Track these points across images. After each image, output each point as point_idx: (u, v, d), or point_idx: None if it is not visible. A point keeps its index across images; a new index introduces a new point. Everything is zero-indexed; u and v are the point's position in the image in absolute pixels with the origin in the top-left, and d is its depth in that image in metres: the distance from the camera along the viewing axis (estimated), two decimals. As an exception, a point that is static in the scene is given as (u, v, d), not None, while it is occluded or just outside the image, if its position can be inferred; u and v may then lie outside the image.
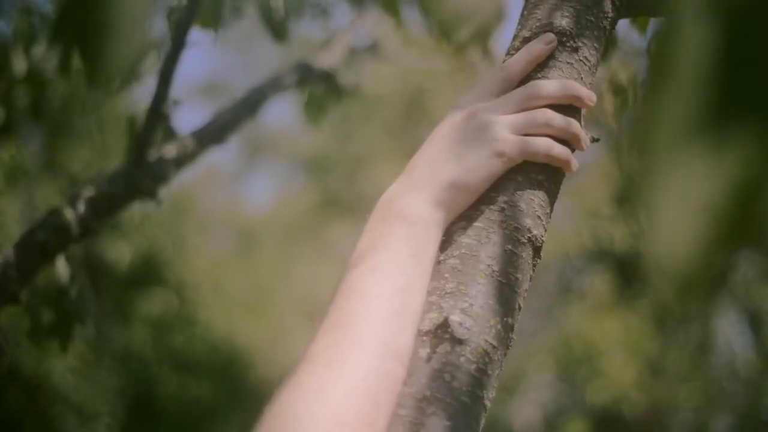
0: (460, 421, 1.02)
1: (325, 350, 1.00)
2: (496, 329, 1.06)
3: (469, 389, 1.03)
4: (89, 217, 1.93)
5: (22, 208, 8.76)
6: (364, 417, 0.97)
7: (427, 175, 1.10)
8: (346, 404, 0.97)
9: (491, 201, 1.11)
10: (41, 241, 1.88)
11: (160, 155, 2.08)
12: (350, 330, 1.01)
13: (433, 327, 1.05)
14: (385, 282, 1.04)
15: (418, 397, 1.02)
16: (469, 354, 1.04)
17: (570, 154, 1.16)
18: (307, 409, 0.96)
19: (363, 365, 0.99)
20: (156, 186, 2.02)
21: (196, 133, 2.22)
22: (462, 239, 1.10)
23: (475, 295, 1.07)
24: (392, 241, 1.06)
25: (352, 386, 0.98)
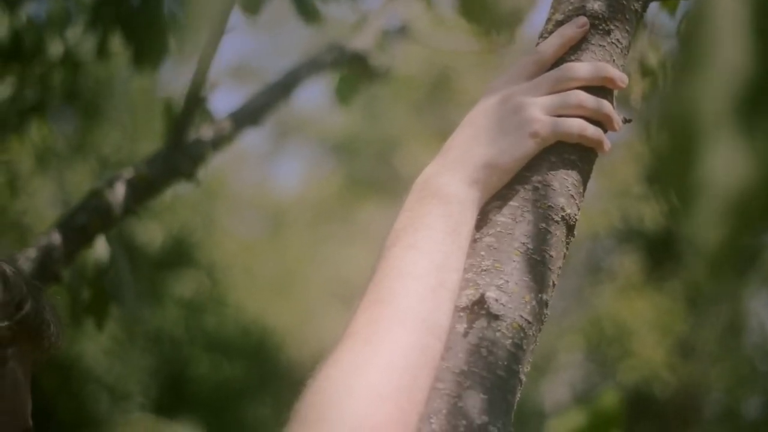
0: (496, 395, 1.05)
1: (364, 327, 1.03)
2: (531, 305, 1.09)
3: (505, 363, 1.06)
4: (129, 198, 1.97)
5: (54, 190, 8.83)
6: (402, 391, 1.00)
7: (463, 156, 1.13)
8: (385, 379, 1.00)
9: (525, 180, 1.14)
10: (83, 223, 1.92)
11: (198, 137, 2.12)
12: (389, 307, 1.04)
13: (469, 303, 1.08)
14: (422, 260, 1.07)
15: (456, 371, 1.05)
16: (505, 329, 1.07)
17: (602, 134, 1.18)
18: (346, 384, 0.99)
19: (401, 341, 1.02)
20: (194, 167, 2.06)
21: (233, 115, 2.26)
22: (497, 218, 1.13)
23: (511, 272, 1.10)
24: (429, 219, 1.09)
25: (391, 361, 1.01)
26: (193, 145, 2.08)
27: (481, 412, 1.04)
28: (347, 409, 0.98)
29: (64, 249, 1.86)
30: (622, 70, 1.23)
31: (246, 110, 2.31)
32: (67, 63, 3.07)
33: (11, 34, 3.04)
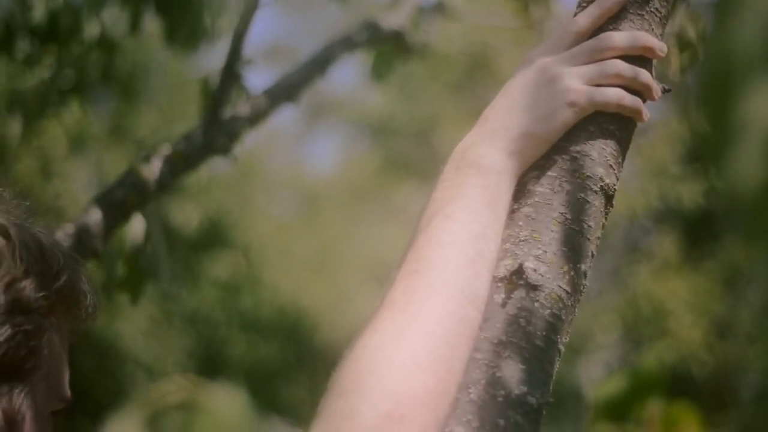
0: (534, 365, 1.05)
1: (402, 296, 1.03)
2: (569, 275, 1.09)
3: (544, 333, 1.06)
4: (166, 174, 1.98)
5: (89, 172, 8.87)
6: (441, 360, 1.00)
7: (500, 126, 1.12)
8: (424, 348, 1.00)
9: (563, 150, 1.13)
10: (120, 199, 1.93)
11: (234, 113, 2.12)
12: (426, 276, 1.04)
13: (507, 273, 1.07)
14: (460, 230, 1.06)
15: (494, 341, 1.04)
16: (544, 299, 1.07)
17: (641, 103, 1.17)
18: (385, 353, 0.99)
19: (439, 310, 1.02)
20: (230, 143, 2.07)
21: (268, 91, 2.26)
22: (535, 188, 1.12)
23: (549, 242, 1.09)
24: (467, 190, 1.09)
25: (429, 330, 1.01)
26: (229, 121, 2.09)
27: (519, 382, 1.04)
28: (385, 378, 0.98)
29: (102, 225, 1.88)
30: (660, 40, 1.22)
31: (281, 87, 2.31)
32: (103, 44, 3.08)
33: (48, 16, 3.05)
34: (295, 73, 2.35)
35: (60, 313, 1.08)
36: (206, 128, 2.05)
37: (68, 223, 1.84)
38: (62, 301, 1.08)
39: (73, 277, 1.09)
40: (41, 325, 1.05)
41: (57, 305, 1.07)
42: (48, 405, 1.08)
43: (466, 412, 1.02)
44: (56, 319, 1.08)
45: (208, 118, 2.05)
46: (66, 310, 1.09)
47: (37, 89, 3.45)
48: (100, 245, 1.86)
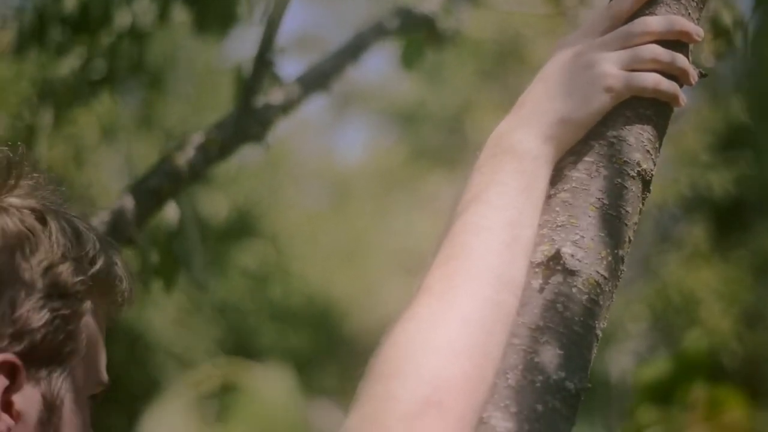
0: (572, 350, 1.04)
1: (438, 282, 1.03)
2: (607, 261, 1.08)
3: (582, 319, 1.06)
4: (199, 162, 1.99)
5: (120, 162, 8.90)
6: (477, 346, 1.00)
7: (536, 112, 1.12)
8: (461, 333, 1.00)
9: (600, 136, 1.13)
10: (154, 187, 1.94)
11: (266, 101, 2.13)
12: (463, 262, 1.03)
13: (545, 259, 1.07)
14: (496, 215, 1.06)
15: (532, 326, 1.04)
16: (581, 285, 1.06)
17: (677, 88, 1.16)
18: (422, 339, 0.99)
19: (476, 296, 1.02)
20: (263, 131, 2.08)
21: (300, 79, 2.26)
22: (572, 173, 1.12)
23: (586, 228, 1.09)
24: (503, 176, 1.08)
25: (466, 316, 1.01)
26: (261, 109, 2.09)
27: (557, 367, 1.03)
28: (423, 364, 0.98)
29: (137, 212, 1.89)
30: (696, 24, 1.21)
31: (313, 75, 2.31)
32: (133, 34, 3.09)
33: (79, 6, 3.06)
34: (327, 61, 2.35)
35: (97, 297, 1.09)
36: (239, 116, 2.06)
37: (103, 211, 1.85)
38: (99, 285, 1.08)
39: (110, 262, 1.09)
40: (79, 310, 1.06)
41: (94, 290, 1.08)
42: (86, 389, 1.08)
43: (504, 398, 1.02)
44: (93, 304, 1.08)
45: (241, 105, 2.05)
46: (102, 295, 1.10)
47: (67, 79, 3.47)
48: (135, 233, 1.87)
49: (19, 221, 1.04)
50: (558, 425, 1.03)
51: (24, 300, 1.02)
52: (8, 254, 1.02)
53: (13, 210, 1.04)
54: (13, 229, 1.03)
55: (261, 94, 2.11)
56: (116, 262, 1.11)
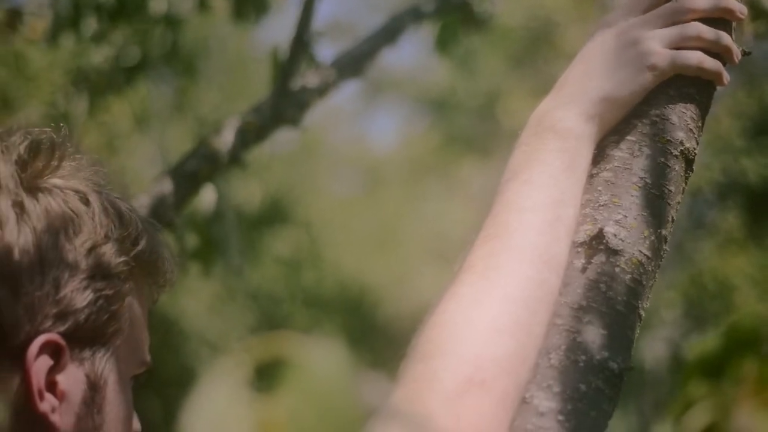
0: (615, 330, 1.04)
1: (481, 261, 1.03)
2: (650, 240, 1.08)
3: (625, 299, 1.05)
4: (237, 146, 1.99)
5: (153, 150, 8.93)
6: (521, 324, 1.00)
7: (578, 91, 1.11)
8: (504, 312, 1.00)
9: (643, 114, 1.12)
10: (193, 170, 1.95)
11: (303, 84, 2.13)
12: (505, 241, 1.03)
13: (587, 238, 1.07)
14: (538, 194, 1.06)
15: (574, 306, 1.04)
16: (624, 264, 1.06)
17: (721, 66, 1.15)
18: (465, 317, 0.99)
19: (519, 275, 1.01)
20: (299, 114, 2.08)
21: (336, 62, 2.26)
22: (614, 153, 1.11)
23: (629, 207, 1.08)
24: (545, 155, 1.08)
25: (509, 295, 1.00)
26: (298, 92, 2.09)
27: (600, 347, 1.03)
28: (465, 342, 0.98)
29: (175, 196, 1.89)
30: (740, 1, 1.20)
31: (349, 58, 2.30)
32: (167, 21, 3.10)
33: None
34: (363, 44, 2.35)
35: (139, 278, 1.09)
36: (276, 99, 2.06)
37: (141, 194, 1.86)
38: (141, 266, 1.09)
39: (152, 243, 1.10)
40: (122, 290, 1.06)
41: (136, 270, 1.08)
42: (129, 369, 1.09)
43: (546, 378, 1.02)
44: (136, 285, 1.08)
45: (278, 88, 2.05)
46: (145, 276, 1.10)
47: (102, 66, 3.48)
48: (174, 216, 1.88)
49: (63, 202, 1.04)
50: (601, 405, 1.03)
51: (68, 280, 1.02)
52: (52, 235, 1.02)
53: (56, 191, 1.05)
54: (57, 210, 1.03)
55: (297, 77, 2.11)
56: (158, 243, 1.11)
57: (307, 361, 0.57)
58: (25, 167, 1.04)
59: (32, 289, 1.00)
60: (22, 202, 1.02)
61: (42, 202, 1.03)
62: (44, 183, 1.05)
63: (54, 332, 1.02)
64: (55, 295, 1.01)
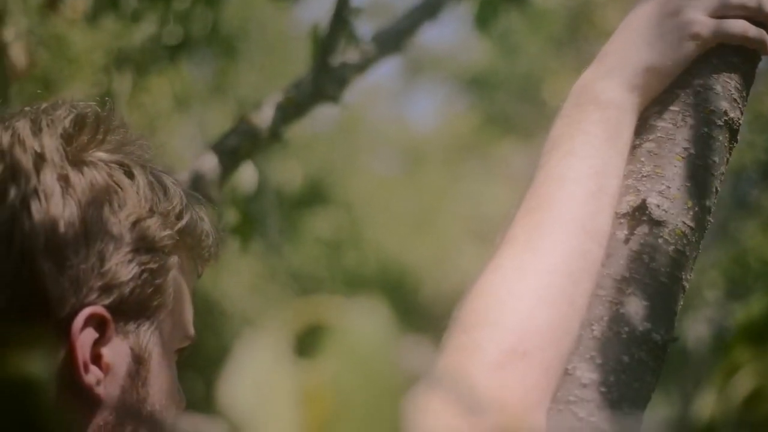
0: (658, 301, 1.04)
1: (523, 232, 1.03)
2: (693, 211, 1.07)
3: (668, 270, 1.05)
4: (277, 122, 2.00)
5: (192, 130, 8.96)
6: (563, 296, 1.00)
7: (621, 61, 1.10)
8: (547, 283, 1.00)
9: (686, 84, 1.11)
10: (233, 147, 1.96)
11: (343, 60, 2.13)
12: (548, 212, 1.03)
13: (630, 209, 1.06)
14: (581, 165, 1.05)
15: (617, 277, 1.04)
16: (667, 235, 1.05)
17: (766, 35, 1.14)
18: (508, 288, 0.99)
19: (562, 246, 1.01)
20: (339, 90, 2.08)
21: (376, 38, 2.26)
22: (657, 123, 1.11)
23: (672, 178, 1.08)
24: (587, 125, 1.08)
25: (552, 266, 1.00)
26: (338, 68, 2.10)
27: (643, 318, 1.03)
28: (508, 313, 0.98)
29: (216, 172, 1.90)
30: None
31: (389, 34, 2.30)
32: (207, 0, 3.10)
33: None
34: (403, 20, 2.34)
35: (183, 252, 1.09)
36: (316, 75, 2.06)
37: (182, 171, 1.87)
38: (186, 240, 1.09)
39: (196, 217, 1.10)
40: (166, 264, 1.07)
41: (180, 244, 1.08)
42: (174, 343, 1.09)
43: (589, 349, 1.02)
44: (180, 258, 1.09)
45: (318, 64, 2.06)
46: (189, 249, 1.10)
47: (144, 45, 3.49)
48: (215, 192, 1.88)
49: (108, 175, 1.05)
50: (644, 376, 1.03)
51: (112, 253, 1.03)
52: (97, 208, 1.03)
53: (101, 164, 1.05)
54: (102, 184, 1.04)
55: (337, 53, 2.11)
56: (202, 217, 1.11)
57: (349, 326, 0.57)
58: (70, 141, 1.05)
59: (77, 262, 1.01)
60: (67, 175, 1.02)
61: (87, 175, 1.03)
62: (89, 156, 1.05)
63: (99, 305, 1.02)
64: (100, 268, 1.02)
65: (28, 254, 1.00)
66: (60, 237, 1.01)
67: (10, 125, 1.04)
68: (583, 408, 1.00)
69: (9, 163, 1.02)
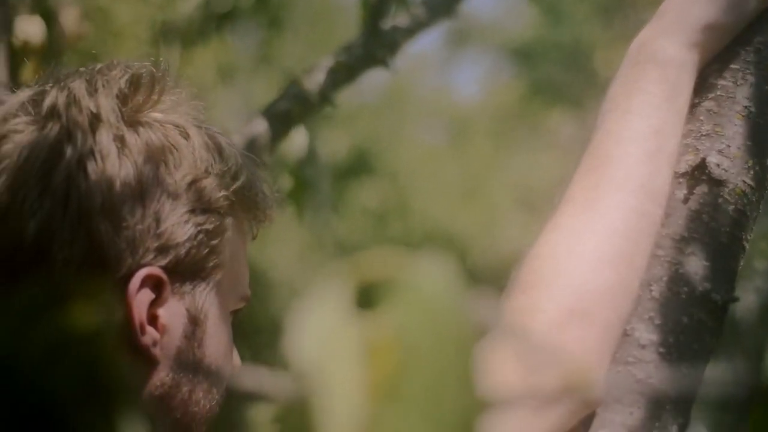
0: (718, 261, 1.03)
1: (582, 192, 1.02)
2: (754, 170, 1.06)
3: (728, 230, 1.04)
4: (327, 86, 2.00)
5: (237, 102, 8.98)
6: (622, 256, 0.99)
7: (680, 18, 1.09)
8: (605, 243, 0.99)
9: (747, 41, 1.10)
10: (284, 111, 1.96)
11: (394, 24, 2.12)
12: (607, 172, 1.02)
13: (689, 168, 1.05)
14: (640, 124, 1.04)
15: (676, 237, 1.03)
16: (727, 195, 1.04)
17: (829, -8, 1.12)
18: (567, 247, 0.98)
19: (621, 206, 1.01)
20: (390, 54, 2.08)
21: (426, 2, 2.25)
22: (717, 81, 1.09)
23: (732, 136, 1.06)
24: (645, 84, 1.06)
25: (611, 226, 1.00)
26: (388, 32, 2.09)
27: (703, 278, 1.02)
28: (568, 273, 0.97)
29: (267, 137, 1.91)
30: None
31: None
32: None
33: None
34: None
35: (239, 213, 1.09)
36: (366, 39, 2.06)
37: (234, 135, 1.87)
38: (241, 201, 1.08)
39: (251, 178, 1.10)
40: (222, 225, 1.06)
41: (236, 205, 1.08)
42: (229, 304, 1.09)
43: (648, 310, 1.01)
44: (235, 220, 1.08)
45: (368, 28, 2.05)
46: (245, 211, 1.10)
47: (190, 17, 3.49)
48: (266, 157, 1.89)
49: (163, 136, 1.04)
50: (703, 337, 1.02)
51: (169, 214, 1.03)
52: (153, 168, 1.03)
53: (156, 125, 1.05)
54: (157, 144, 1.04)
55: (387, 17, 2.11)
56: (257, 178, 1.11)
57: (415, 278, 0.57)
58: (125, 101, 1.04)
59: (134, 223, 1.01)
60: (123, 135, 1.02)
61: (142, 135, 1.03)
62: (144, 117, 1.05)
63: (155, 266, 1.02)
64: (156, 229, 1.02)
65: (85, 214, 1.00)
66: (116, 197, 1.01)
67: (66, 86, 1.04)
68: (642, 369, 1.00)
69: (65, 123, 1.02)
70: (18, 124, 1.03)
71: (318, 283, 0.59)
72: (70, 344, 0.56)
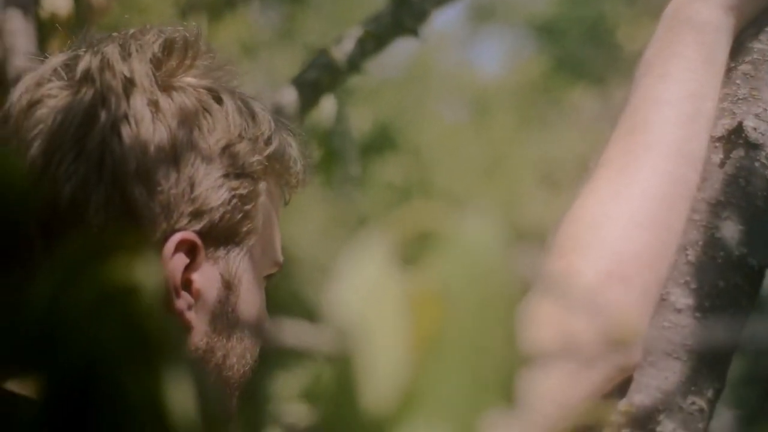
0: (755, 226, 1.02)
1: (619, 156, 1.01)
2: (791, 134, 1.05)
3: (765, 194, 1.03)
4: (356, 55, 2.00)
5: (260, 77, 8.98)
6: (659, 220, 0.99)
7: (717, -20, 1.08)
8: (643, 207, 0.99)
9: (784, 5, 1.09)
10: (313, 80, 1.96)
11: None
12: (643, 135, 1.02)
13: (726, 132, 1.05)
14: (676, 88, 1.04)
15: (712, 202, 1.02)
16: (764, 159, 1.04)
17: None
18: (604, 211, 0.98)
19: (657, 170, 1.00)
20: (418, 23, 2.07)
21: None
22: (753, 45, 1.08)
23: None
24: (681, 48, 1.06)
25: (647, 190, 0.99)
26: (417, 1, 2.09)
27: (739, 243, 1.01)
28: (605, 236, 0.97)
29: (296, 105, 1.91)
30: None
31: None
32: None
33: None
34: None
35: (272, 178, 1.09)
36: (395, 8, 2.05)
37: (263, 102, 1.88)
38: (274, 165, 1.08)
39: (285, 143, 1.09)
40: (255, 190, 1.06)
41: (269, 170, 1.08)
42: (263, 269, 1.09)
43: (683, 274, 1.01)
44: (268, 185, 1.08)
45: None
46: (278, 176, 1.10)
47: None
48: (296, 126, 1.88)
49: (197, 101, 1.04)
50: (740, 302, 1.02)
51: (203, 179, 1.03)
52: (187, 133, 1.03)
53: (190, 89, 1.05)
54: (191, 108, 1.03)
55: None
56: (291, 143, 1.11)
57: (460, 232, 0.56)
58: (159, 65, 1.04)
59: (168, 187, 1.01)
60: (157, 100, 1.02)
61: (176, 100, 1.03)
62: (178, 81, 1.05)
63: (189, 230, 1.02)
64: (190, 193, 1.02)
65: (120, 178, 1.00)
66: (151, 162, 1.01)
67: (99, 50, 1.04)
68: (678, 333, 0.99)
69: (99, 88, 1.02)
70: (52, 89, 1.03)
71: (349, 248, 0.59)
72: (114, 298, 0.56)
